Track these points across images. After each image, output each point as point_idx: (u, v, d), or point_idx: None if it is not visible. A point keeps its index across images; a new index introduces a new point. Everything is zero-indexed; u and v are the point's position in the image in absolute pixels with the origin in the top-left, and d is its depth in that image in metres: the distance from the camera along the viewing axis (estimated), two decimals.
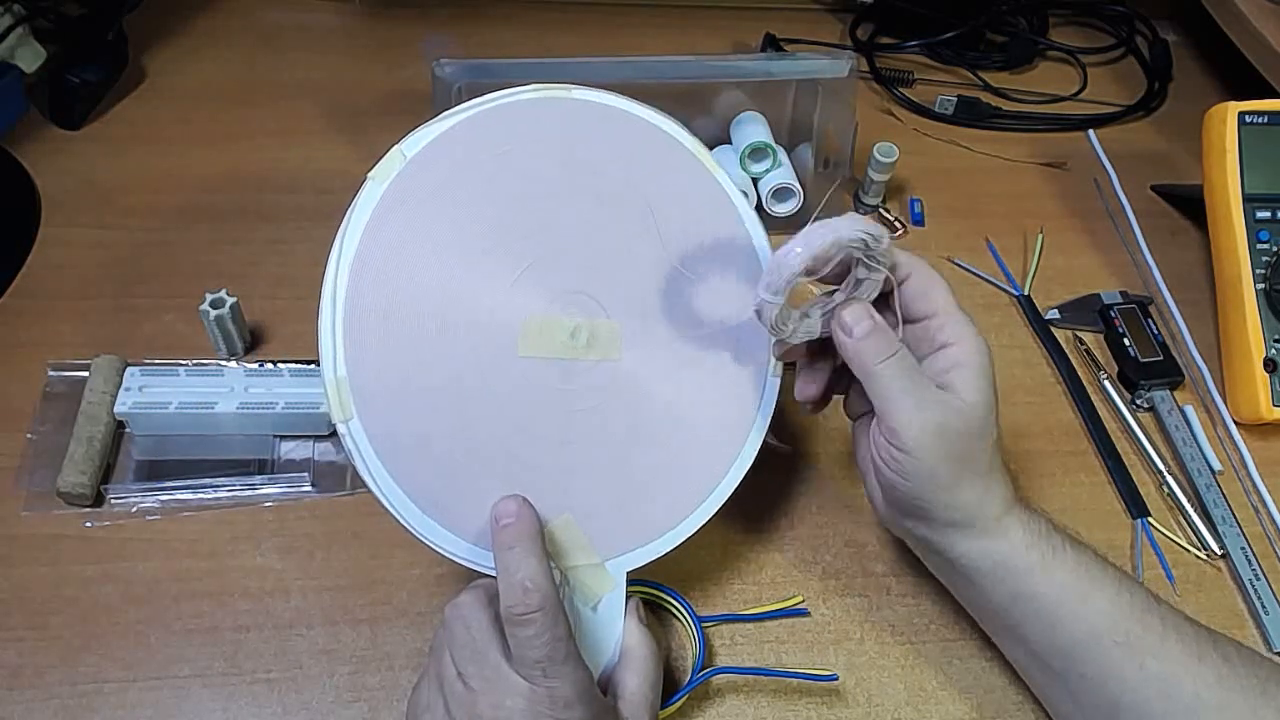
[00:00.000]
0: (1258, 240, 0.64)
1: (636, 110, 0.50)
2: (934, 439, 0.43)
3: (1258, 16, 0.78)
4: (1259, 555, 0.56)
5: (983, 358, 0.45)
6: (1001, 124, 0.82)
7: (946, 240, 0.72)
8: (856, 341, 0.44)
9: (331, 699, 0.48)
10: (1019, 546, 0.45)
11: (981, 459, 0.45)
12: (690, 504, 0.47)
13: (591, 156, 0.48)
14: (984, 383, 0.44)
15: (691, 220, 0.49)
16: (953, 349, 0.45)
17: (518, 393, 0.45)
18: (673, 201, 0.49)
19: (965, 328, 0.45)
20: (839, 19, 0.91)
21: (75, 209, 0.67)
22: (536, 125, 0.47)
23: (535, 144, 0.47)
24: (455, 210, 0.45)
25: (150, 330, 0.61)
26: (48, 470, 0.53)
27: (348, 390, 0.42)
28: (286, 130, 0.74)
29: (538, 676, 0.39)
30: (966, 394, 0.44)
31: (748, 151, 0.69)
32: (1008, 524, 0.45)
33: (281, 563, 0.52)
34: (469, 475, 0.44)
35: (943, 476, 0.44)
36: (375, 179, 0.45)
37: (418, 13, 0.86)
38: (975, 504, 0.45)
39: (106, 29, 0.73)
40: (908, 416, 0.43)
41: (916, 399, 0.43)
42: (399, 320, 0.44)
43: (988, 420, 0.44)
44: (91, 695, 0.47)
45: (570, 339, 0.46)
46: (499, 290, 0.45)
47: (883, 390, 0.44)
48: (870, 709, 0.49)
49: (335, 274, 0.44)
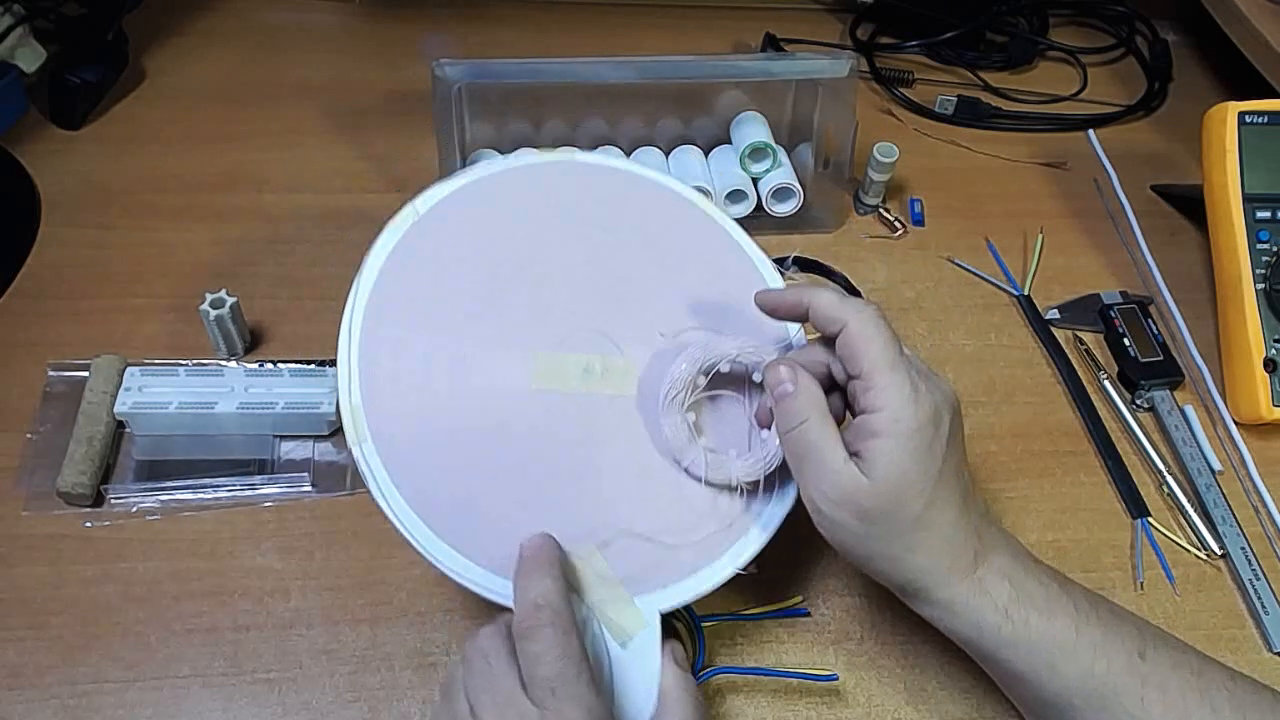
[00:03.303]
0: (1258, 240, 0.64)
1: (639, 171, 0.52)
2: (836, 512, 0.41)
3: (1258, 16, 0.78)
4: (1259, 555, 0.56)
5: (906, 424, 0.40)
6: (1001, 124, 0.82)
7: (946, 240, 0.72)
8: (776, 404, 0.43)
9: (331, 699, 0.48)
10: (969, 621, 0.42)
11: (900, 533, 0.41)
12: (721, 543, 0.46)
13: (600, 211, 0.49)
14: (902, 455, 0.40)
15: (704, 266, 0.49)
16: (872, 417, 0.41)
17: (534, 425, 0.45)
18: (683, 249, 0.50)
19: (893, 392, 0.40)
20: (839, 19, 0.91)
21: (75, 209, 0.67)
22: (546, 184, 0.49)
23: (546, 198, 0.49)
24: (470, 254, 0.47)
25: (150, 330, 0.61)
26: (48, 470, 0.53)
27: (362, 416, 0.43)
28: (286, 130, 0.74)
29: (548, 698, 0.37)
30: (875, 469, 0.40)
31: (748, 151, 0.69)
32: (955, 597, 0.42)
33: (281, 563, 0.52)
34: (486, 503, 0.44)
35: (853, 550, 0.42)
36: (391, 225, 0.47)
37: (418, 13, 0.86)
38: (906, 576, 0.42)
39: (106, 29, 0.73)
40: (809, 486, 0.42)
41: (816, 469, 0.41)
42: (414, 353, 0.45)
43: (905, 493, 0.40)
44: (91, 695, 0.47)
45: (583, 373, 0.46)
46: (513, 328, 0.46)
47: (790, 458, 0.43)
48: (870, 709, 0.49)
49: (353, 306, 0.45)
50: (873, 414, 0.41)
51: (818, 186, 0.70)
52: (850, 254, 0.70)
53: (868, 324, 0.42)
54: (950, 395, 0.43)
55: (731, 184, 0.68)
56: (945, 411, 0.42)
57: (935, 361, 0.64)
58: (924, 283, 0.69)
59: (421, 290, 0.46)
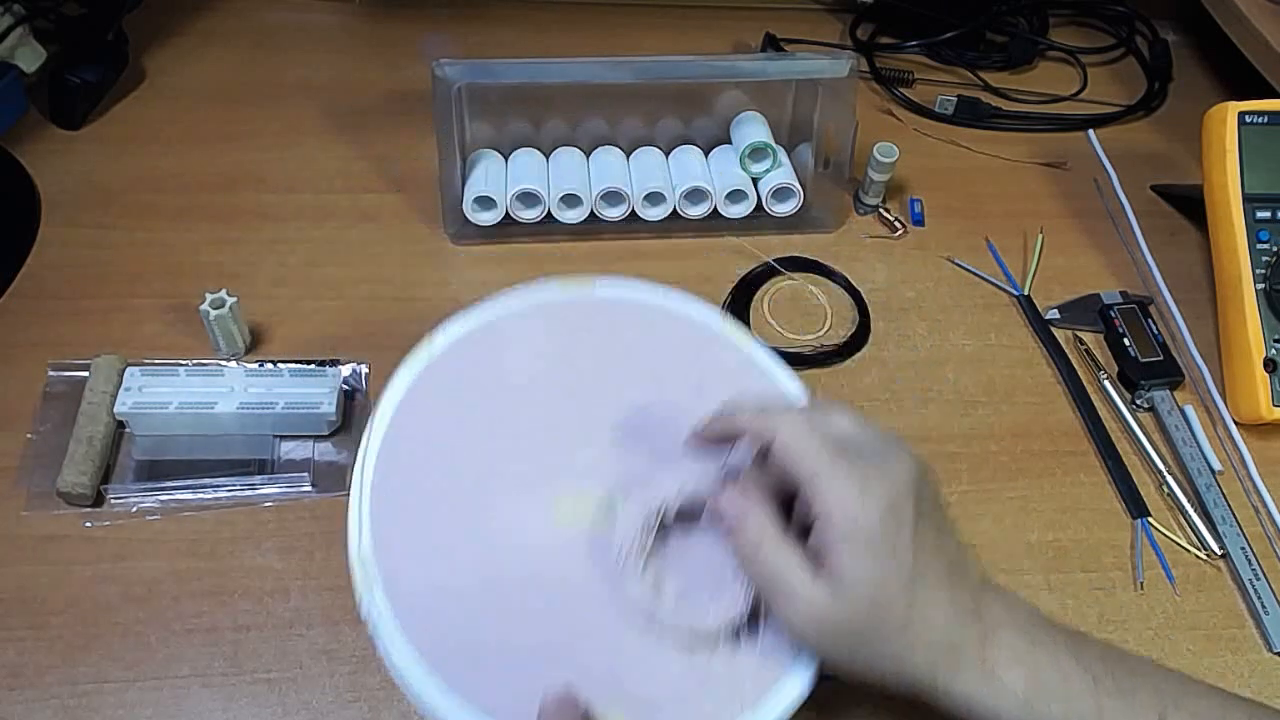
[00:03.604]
0: (1258, 240, 0.64)
1: (661, 300, 0.50)
2: (819, 636, 0.38)
3: (1258, 16, 0.78)
4: (1259, 555, 0.56)
5: (862, 524, 0.37)
6: (1001, 124, 0.82)
7: (946, 240, 0.72)
8: (726, 538, 0.40)
9: (331, 699, 0.48)
10: (991, 713, 0.38)
11: (889, 638, 0.38)
12: (757, 693, 0.41)
13: (620, 344, 0.48)
14: (867, 560, 0.37)
15: (726, 393, 0.45)
16: (824, 525, 0.37)
17: (554, 573, 0.42)
18: (704, 377, 0.48)
19: (837, 494, 0.37)
20: (839, 19, 0.91)
21: (75, 209, 0.67)
22: (564, 321, 0.49)
23: (564, 335, 0.48)
24: (485, 395, 0.46)
25: (150, 330, 0.61)
26: (48, 470, 0.53)
27: (373, 565, 0.41)
28: (286, 130, 0.74)
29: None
30: (843, 582, 0.37)
31: (748, 151, 0.69)
32: (970, 693, 0.38)
33: (281, 563, 0.52)
34: (501, 653, 0.41)
35: (850, 668, 0.39)
36: (405, 367, 0.46)
37: (418, 13, 0.86)
38: (910, 679, 0.39)
39: (106, 29, 0.73)
40: (785, 618, 0.39)
41: (786, 599, 0.38)
42: (428, 499, 0.43)
43: (881, 597, 0.37)
44: (91, 695, 0.47)
45: (606, 512, 0.43)
46: (530, 471, 0.44)
47: (760, 590, 0.40)
48: (870, 709, 0.49)
49: (365, 451, 0.43)
50: (824, 522, 0.38)
51: (818, 186, 0.70)
52: (850, 254, 0.70)
53: (794, 431, 0.39)
54: (911, 469, 0.39)
55: (731, 184, 0.68)
56: (906, 494, 0.38)
57: (935, 362, 0.64)
58: (924, 283, 0.69)
59: (436, 433, 0.44)
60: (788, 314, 0.66)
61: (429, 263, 0.66)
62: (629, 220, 0.68)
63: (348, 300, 0.64)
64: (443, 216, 0.68)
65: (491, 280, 0.66)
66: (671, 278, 0.66)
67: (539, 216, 0.67)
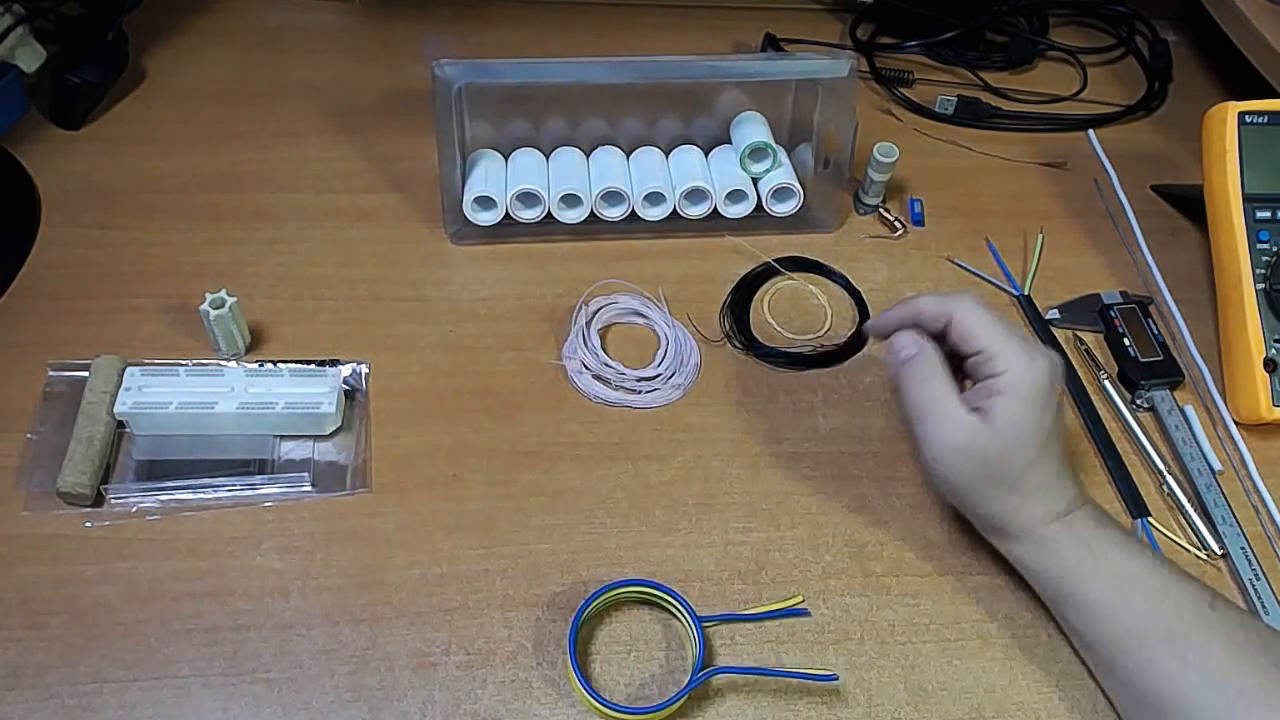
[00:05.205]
0: (1258, 240, 0.64)
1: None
2: (956, 458, 0.48)
3: (1258, 16, 0.78)
4: (1259, 555, 0.56)
5: (1027, 384, 0.47)
6: (1001, 124, 0.82)
7: (946, 240, 0.72)
8: (898, 365, 0.50)
9: (331, 699, 0.48)
10: (1056, 555, 0.48)
11: (1011, 477, 0.48)
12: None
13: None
14: (1020, 407, 0.47)
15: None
16: (995, 380, 0.48)
17: None
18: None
19: (1014, 358, 0.47)
20: (839, 19, 0.91)
21: (75, 209, 0.67)
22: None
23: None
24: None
25: (150, 330, 0.61)
26: (48, 470, 0.53)
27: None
28: (286, 130, 0.74)
29: None
30: (995, 421, 0.47)
31: (748, 151, 0.69)
32: (1047, 534, 0.48)
33: (281, 563, 0.52)
34: None
35: (965, 492, 0.49)
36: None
37: (418, 13, 0.86)
38: (1008, 516, 0.48)
39: (106, 29, 0.73)
40: (931, 436, 0.48)
41: (939, 420, 0.48)
42: None
43: (1019, 442, 0.47)
44: (91, 695, 0.47)
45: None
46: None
47: (911, 410, 0.49)
48: (870, 709, 0.49)
49: None
50: (996, 377, 0.47)
51: (818, 186, 0.70)
52: (850, 254, 0.70)
53: (971, 308, 0.49)
54: (1060, 365, 0.49)
55: (731, 184, 0.68)
56: (1055, 380, 0.48)
57: None
58: (924, 283, 0.69)
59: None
60: (788, 314, 0.66)
61: (429, 263, 0.66)
62: (629, 220, 0.68)
63: (347, 300, 0.64)
64: (443, 216, 0.68)
65: (491, 280, 0.66)
66: (671, 278, 0.67)
67: (539, 216, 0.67)
